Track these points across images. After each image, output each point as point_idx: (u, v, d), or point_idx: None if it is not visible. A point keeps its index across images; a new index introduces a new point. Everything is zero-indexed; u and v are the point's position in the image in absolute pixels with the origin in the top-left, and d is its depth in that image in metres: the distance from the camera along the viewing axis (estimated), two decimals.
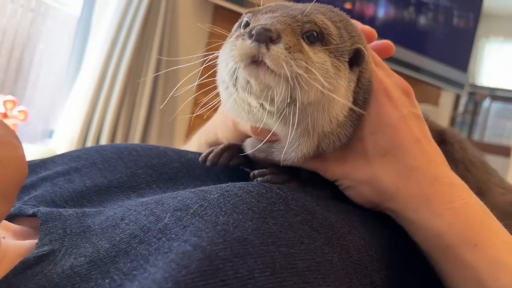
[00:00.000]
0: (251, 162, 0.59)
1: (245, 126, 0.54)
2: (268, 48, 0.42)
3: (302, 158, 0.49)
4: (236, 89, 0.45)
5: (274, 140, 0.51)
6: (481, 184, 0.66)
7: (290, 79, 0.42)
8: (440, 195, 0.48)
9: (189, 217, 0.39)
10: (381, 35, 0.60)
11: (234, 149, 0.59)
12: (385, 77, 0.53)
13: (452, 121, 3.92)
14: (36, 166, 0.57)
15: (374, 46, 0.59)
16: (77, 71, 2.34)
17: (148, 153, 0.57)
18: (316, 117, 0.46)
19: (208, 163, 0.57)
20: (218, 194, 0.43)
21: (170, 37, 2.35)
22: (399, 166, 0.48)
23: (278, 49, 0.42)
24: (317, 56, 0.45)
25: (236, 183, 0.47)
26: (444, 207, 0.47)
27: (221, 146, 0.58)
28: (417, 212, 0.48)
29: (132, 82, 2.27)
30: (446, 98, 3.98)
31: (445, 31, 3.53)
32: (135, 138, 2.30)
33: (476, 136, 4.13)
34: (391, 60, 3.25)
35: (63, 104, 2.34)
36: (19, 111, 2.10)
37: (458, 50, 3.68)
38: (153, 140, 2.35)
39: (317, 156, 0.50)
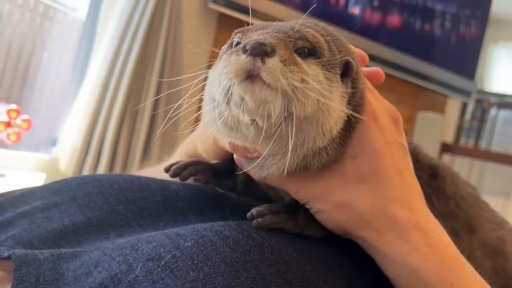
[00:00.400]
0: (218, 179, 0.61)
1: (224, 141, 0.54)
2: (263, 62, 0.42)
3: (282, 173, 0.48)
4: (229, 107, 0.44)
5: (252, 157, 0.50)
6: (472, 220, 0.65)
7: (287, 92, 0.42)
8: (417, 229, 0.47)
9: (160, 269, 0.39)
10: (388, 43, 0.59)
11: (201, 165, 0.59)
12: (375, 100, 0.52)
13: (459, 129, 3.88)
14: (16, 199, 0.56)
15: (365, 73, 0.59)
16: (81, 79, 2.35)
17: (130, 186, 0.57)
18: (310, 131, 0.45)
19: (169, 173, 0.58)
20: (193, 242, 0.42)
21: (174, 45, 2.36)
22: (376, 194, 0.47)
23: (273, 62, 0.42)
24: (311, 68, 0.45)
25: (214, 224, 0.46)
26: (422, 242, 0.46)
27: (188, 160, 0.59)
28: (392, 245, 0.47)
29: (135, 91, 2.28)
30: (453, 106, 3.94)
31: (452, 38, 3.50)
32: (138, 146, 2.30)
33: (483, 144, 4.09)
34: (397, 68, 3.24)
35: (67, 113, 2.36)
36: (23, 120, 2.11)
37: (465, 57, 3.65)
38: (155, 148, 2.36)
39: (290, 174, 0.49)
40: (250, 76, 0.42)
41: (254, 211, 0.50)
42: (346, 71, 0.49)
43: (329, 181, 0.49)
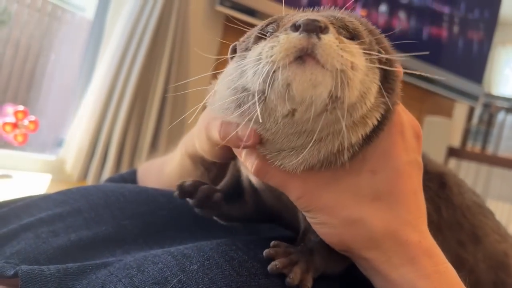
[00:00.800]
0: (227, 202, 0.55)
1: (214, 133, 0.49)
2: (319, 38, 0.37)
3: (298, 167, 0.44)
4: (264, 97, 0.39)
5: (246, 146, 0.45)
6: (477, 230, 0.64)
7: (340, 72, 0.38)
8: (428, 255, 0.45)
9: None
10: (395, 46, 0.56)
11: (205, 190, 0.53)
12: (404, 112, 0.49)
13: (466, 133, 3.85)
14: (19, 210, 0.56)
15: None
16: (87, 81, 2.36)
17: (136, 199, 0.56)
18: (349, 121, 0.41)
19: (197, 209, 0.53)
20: (198, 264, 0.42)
21: (181, 46, 2.36)
22: (392, 215, 0.44)
23: (329, 38, 0.38)
24: (357, 50, 0.41)
25: (220, 243, 0.46)
26: (431, 269, 0.44)
27: (189, 182, 0.53)
28: (400, 269, 0.44)
29: (142, 93, 2.28)
30: (460, 110, 3.92)
31: (460, 42, 3.48)
32: (144, 148, 2.30)
33: (490, 148, 4.06)
34: (404, 71, 3.21)
35: (73, 114, 2.36)
36: (30, 121, 2.12)
37: (473, 61, 3.63)
38: (161, 150, 2.36)
39: (295, 176, 0.44)
40: (300, 57, 0.38)
41: (271, 252, 0.45)
42: (386, 74, 0.45)
43: (342, 193, 0.44)
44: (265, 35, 0.43)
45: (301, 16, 0.41)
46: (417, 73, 0.50)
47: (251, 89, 0.40)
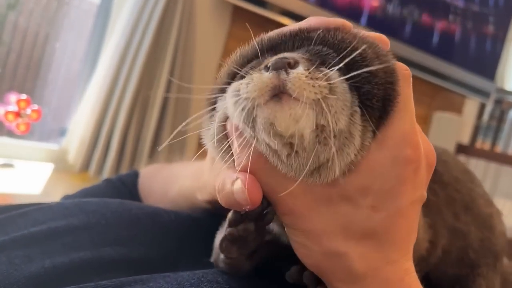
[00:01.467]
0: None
1: (211, 189, 0.46)
2: (287, 73, 0.37)
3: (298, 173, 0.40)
4: (255, 133, 0.38)
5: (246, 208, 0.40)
6: (467, 198, 0.69)
7: (316, 102, 0.37)
8: None
9: None
10: (406, 41, 0.50)
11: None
12: (422, 140, 0.42)
13: (476, 130, 3.79)
14: None
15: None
16: (92, 70, 2.33)
17: (119, 222, 0.53)
18: (346, 146, 0.38)
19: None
20: None
21: (187, 37, 2.32)
22: (377, 255, 0.40)
23: (298, 71, 0.37)
24: (334, 73, 0.38)
25: (203, 279, 0.43)
26: None
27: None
28: None
29: (146, 83, 2.25)
30: (471, 106, 3.85)
31: (472, 37, 3.40)
32: (147, 140, 2.28)
33: (500, 145, 4.00)
34: (415, 66, 3.16)
35: (77, 103, 2.34)
36: (32, 111, 2.10)
37: (486, 56, 3.55)
38: (165, 141, 2.33)
39: (288, 182, 0.40)
40: (276, 95, 0.37)
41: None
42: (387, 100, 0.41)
43: (333, 222, 0.40)
44: (244, 73, 0.42)
45: (278, 57, 0.40)
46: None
47: (240, 126, 0.40)
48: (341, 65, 0.39)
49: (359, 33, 0.44)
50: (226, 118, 0.42)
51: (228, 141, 0.42)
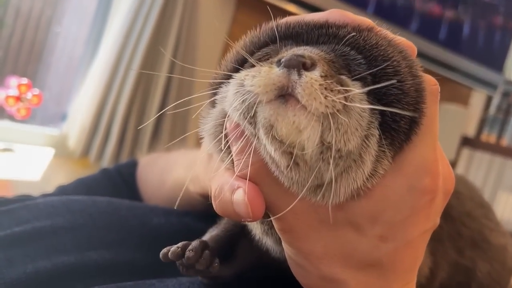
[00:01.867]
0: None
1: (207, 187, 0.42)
2: (300, 75, 0.33)
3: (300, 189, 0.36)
4: (256, 130, 0.34)
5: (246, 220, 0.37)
6: (476, 235, 0.64)
7: (325, 115, 0.32)
8: None
9: None
10: (413, 31, 0.46)
11: (214, 248, 0.45)
12: (442, 165, 0.38)
13: (482, 123, 3.75)
14: None
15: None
16: (93, 54, 2.31)
17: (107, 224, 0.51)
18: (352, 171, 0.34)
19: (182, 270, 0.42)
20: None
21: (190, 21, 2.29)
22: (378, 284, 0.37)
23: (312, 75, 0.33)
24: (355, 87, 0.35)
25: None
26: None
27: (195, 242, 0.44)
28: None
29: (149, 68, 2.23)
30: (477, 98, 3.80)
31: (481, 28, 3.34)
32: (148, 126, 2.26)
33: (507, 138, 3.95)
34: (421, 56, 3.10)
35: (77, 88, 2.32)
36: (33, 95, 2.09)
37: (494, 48, 3.49)
38: (166, 128, 2.31)
39: (290, 196, 0.36)
40: (283, 96, 0.33)
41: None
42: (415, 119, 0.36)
43: (336, 247, 0.37)
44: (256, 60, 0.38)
45: (298, 50, 0.36)
46: None
47: (233, 116, 0.36)
48: (366, 73, 0.35)
49: (392, 39, 0.39)
50: (225, 115, 0.38)
51: (227, 140, 0.37)
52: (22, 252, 0.47)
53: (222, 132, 0.38)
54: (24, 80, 2.08)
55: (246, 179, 0.35)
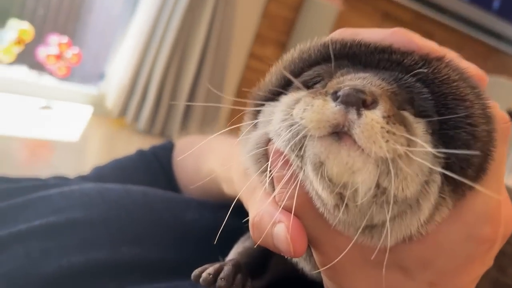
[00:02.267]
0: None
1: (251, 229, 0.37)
2: (359, 114, 0.30)
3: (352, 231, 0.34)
4: (302, 163, 0.32)
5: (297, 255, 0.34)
6: None
7: (384, 160, 0.29)
8: None
9: None
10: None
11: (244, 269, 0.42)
12: (505, 203, 0.35)
13: None
14: (18, 211, 0.50)
15: None
16: (131, 14, 2.29)
17: (138, 216, 0.50)
18: (407, 217, 0.32)
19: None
20: None
21: None
22: None
23: (373, 116, 0.30)
24: (420, 132, 0.32)
25: None
26: None
27: (227, 268, 0.41)
28: None
29: (187, 28, 2.20)
30: None
31: None
32: (184, 89, 2.25)
33: None
34: (469, 23, 2.96)
35: (115, 48, 2.33)
36: (73, 54, 2.10)
37: None
38: (202, 91, 2.30)
39: (334, 233, 0.33)
40: (337, 132, 0.30)
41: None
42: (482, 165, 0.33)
43: (378, 287, 0.34)
44: (304, 85, 0.35)
45: (356, 78, 0.32)
46: None
47: (286, 152, 0.33)
48: (435, 119, 0.31)
49: (463, 71, 0.34)
50: (268, 139, 0.35)
51: (268, 165, 0.34)
52: (56, 244, 0.46)
53: (263, 155, 0.35)
54: (64, 39, 2.10)
55: (288, 211, 0.33)
